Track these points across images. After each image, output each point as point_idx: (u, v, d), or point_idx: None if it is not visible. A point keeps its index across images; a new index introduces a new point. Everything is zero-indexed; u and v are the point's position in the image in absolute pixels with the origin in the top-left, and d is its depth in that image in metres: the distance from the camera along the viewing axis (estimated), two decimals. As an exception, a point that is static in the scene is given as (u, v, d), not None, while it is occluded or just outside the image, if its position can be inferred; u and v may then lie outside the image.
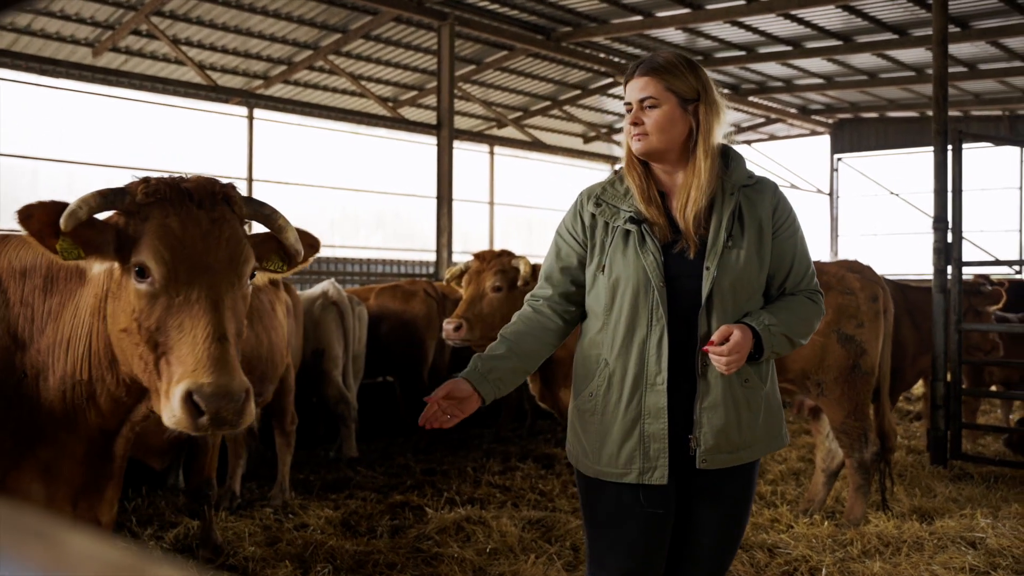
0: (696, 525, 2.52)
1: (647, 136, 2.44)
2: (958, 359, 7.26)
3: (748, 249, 2.44)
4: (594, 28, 12.50)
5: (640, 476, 2.40)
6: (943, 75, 7.48)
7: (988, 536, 4.72)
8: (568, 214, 2.58)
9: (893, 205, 19.09)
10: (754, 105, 17.38)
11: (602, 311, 2.46)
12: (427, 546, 4.58)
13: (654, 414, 2.39)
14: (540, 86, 16.02)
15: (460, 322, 5.20)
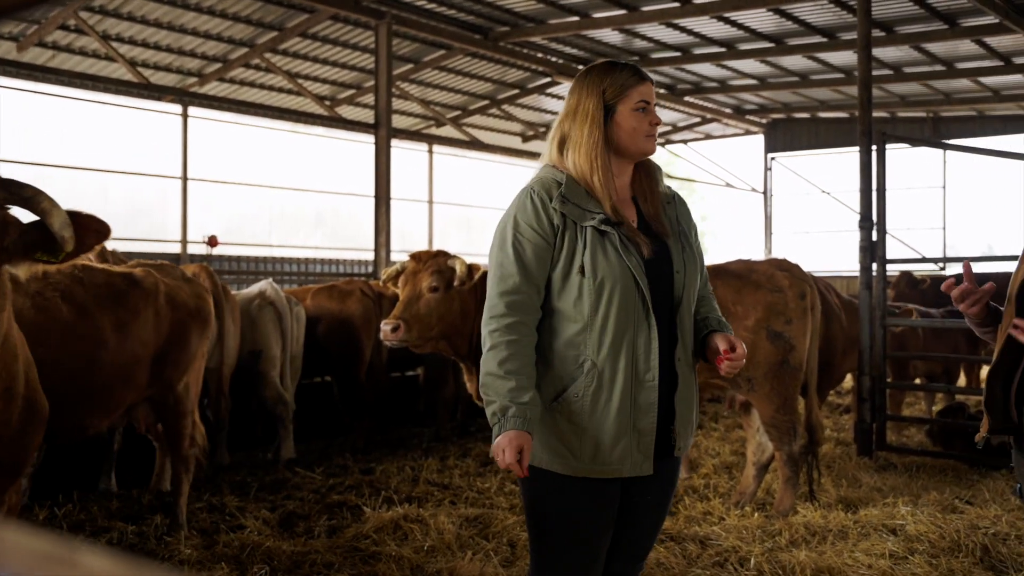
0: (642, 510, 2.63)
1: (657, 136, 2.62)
2: (883, 354, 7.52)
3: (694, 252, 2.63)
4: (531, 28, 12.58)
5: (632, 469, 2.49)
6: (867, 78, 7.72)
7: (908, 523, 4.91)
8: (527, 211, 2.49)
9: (825, 203, 19.57)
10: (690, 105, 17.66)
11: (584, 313, 2.46)
12: (365, 545, 4.60)
13: (645, 410, 2.48)
14: (479, 85, 16.07)
15: (397, 323, 5.22)
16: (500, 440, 2.39)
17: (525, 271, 2.46)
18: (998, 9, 10.25)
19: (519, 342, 2.44)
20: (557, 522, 2.53)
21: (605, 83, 2.55)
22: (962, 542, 4.54)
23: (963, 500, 5.72)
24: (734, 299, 5.29)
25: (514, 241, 2.48)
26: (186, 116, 14.60)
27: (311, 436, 7.95)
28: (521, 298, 2.46)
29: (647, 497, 2.61)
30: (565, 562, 2.54)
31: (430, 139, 16.86)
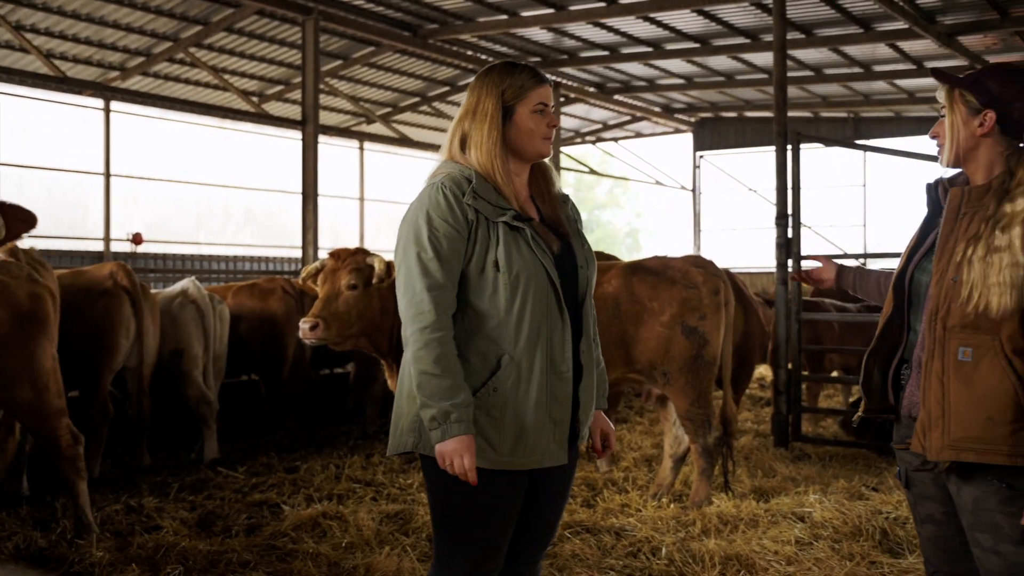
0: (548, 498, 2.70)
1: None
2: (798, 347, 7.75)
3: (590, 251, 2.73)
4: (460, 26, 12.61)
5: (552, 459, 2.55)
6: (783, 79, 7.94)
7: (815, 511, 5.09)
8: (440, 207, 2.49)
9: (751, 201, 20.00)
10: (620, 104, 17.88)
11: (499, 307, 2.49)
12: (282, 543, 4.60)
13: (561, 401, 2.55)
14: (409, 82, 16.03)
15: (316, 321, 5.22)
16: (450, 446, 2.41)
17: (444, 265, 2.46)
18: (907, 15, 10.62)
19: (447, 338, 2.45)
20: (466, 515, 2.55)
21: (505, 84, 2.59)
22: (863, 527, 4.73)
23: (869, 487, 5.94)
24: (650, 295, 5.41)
25: (430, 236, 2.47)
26: (108, 111, 14.28)
27: (237, 435, 7.88)
28: (444, 293, 2.46)
29: (553, 485, 2.69)
30: (471, 554, 2.58)
31: (361, 136, 16.77)
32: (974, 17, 11.49)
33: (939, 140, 2.63)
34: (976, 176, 2.58)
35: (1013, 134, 2.53)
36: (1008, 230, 2.42)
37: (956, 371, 2.46)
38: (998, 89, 2.51)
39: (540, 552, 2.79)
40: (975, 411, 2.43)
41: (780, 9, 8.08)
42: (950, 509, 2.63)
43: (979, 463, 2.45)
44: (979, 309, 2.42)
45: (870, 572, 4.24)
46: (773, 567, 4.31)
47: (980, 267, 2.43)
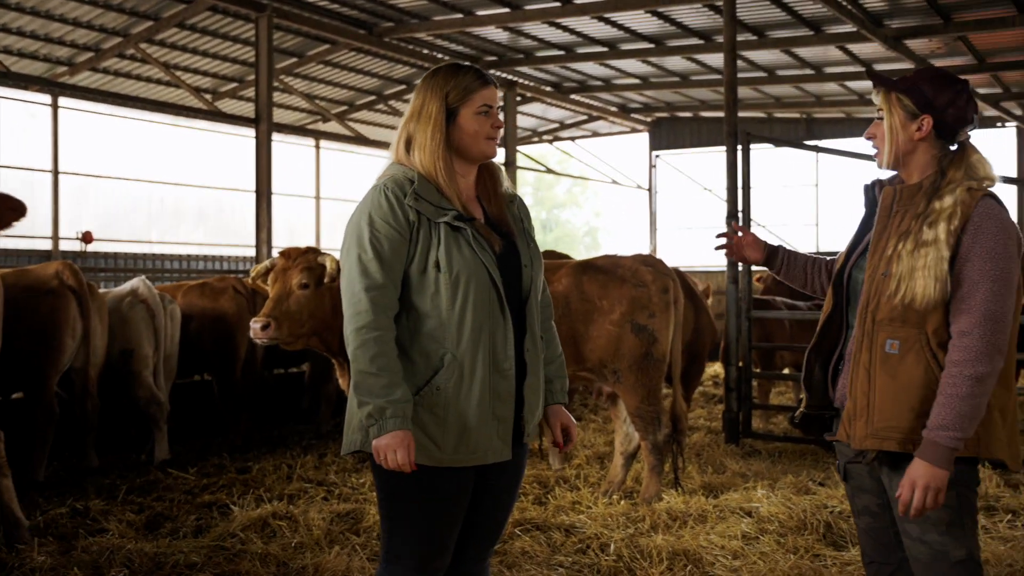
0: (496, 496, 2.72)
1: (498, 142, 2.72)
2: (748, 345, 7.86)
3: (537, 250, 2.76)
4: (416, 25, 12.58)
5: (495, 455, 2.59)
6: (733, 80, 8.05)
7: (762, 505, 5.18)
8: (382, 208, 2.53)
9: (707, 200, 20.19)
10: (576, 103, 17.96)
11: (441, 307, 2.52)
12: (231, 544, 4.57)
13: (504, 399, 2.58)
14: (365, 81, 15.95)
15: (268, 321, 5.19)
16: (384, 441, 2.43)
17: (385, 266, 2.50)
18: (855, 19, 10.81)
19: (384, 337, 2.49)
20: (413, 512, 2.58)
21: (449, 86, 2.62)
22: (808, 521, 4.83)
23: (816, 482, 6.06)
24: (600, 294, 5.46)
25: (371, 238, 2.51)
26: (56, 107, 14.02)
27: (189, 436, 7.80)
28: (383, 293, 2.50)
29: (501, 483, 2.71)
30: (417, 550, 2.60)
31: (317, 134, 16.65)
32: (919, 21, 11.73)
33: (875, 142, 2.70)
34: (911, 177, 2.66)
35: (946, 137, 2.62)
36: (935, 226, 2.50)
37: (883, 363, 2.54)
38: (933, 95, 2.59)
39: (488, 550, 2.81)
40: (898, 402, 2.51)
41: (730, 11, 8.18)
42: (884, 501, 2.71)
43: (906, 454, 2.53)
44: (906, 300, 2.50)
45: (814, 565, 4.32)
46: (719, 561, 4.38)
47: (908, 260, 2.51)
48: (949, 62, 13.80)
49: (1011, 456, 2.57)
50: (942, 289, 2.47)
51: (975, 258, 2.46)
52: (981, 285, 2.44)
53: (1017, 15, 11.07)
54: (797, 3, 11.34)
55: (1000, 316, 2.44)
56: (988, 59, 13.72)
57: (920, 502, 2.42)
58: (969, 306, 2.45)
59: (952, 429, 2.41)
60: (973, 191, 2.53)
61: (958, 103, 2.59)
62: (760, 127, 19.27)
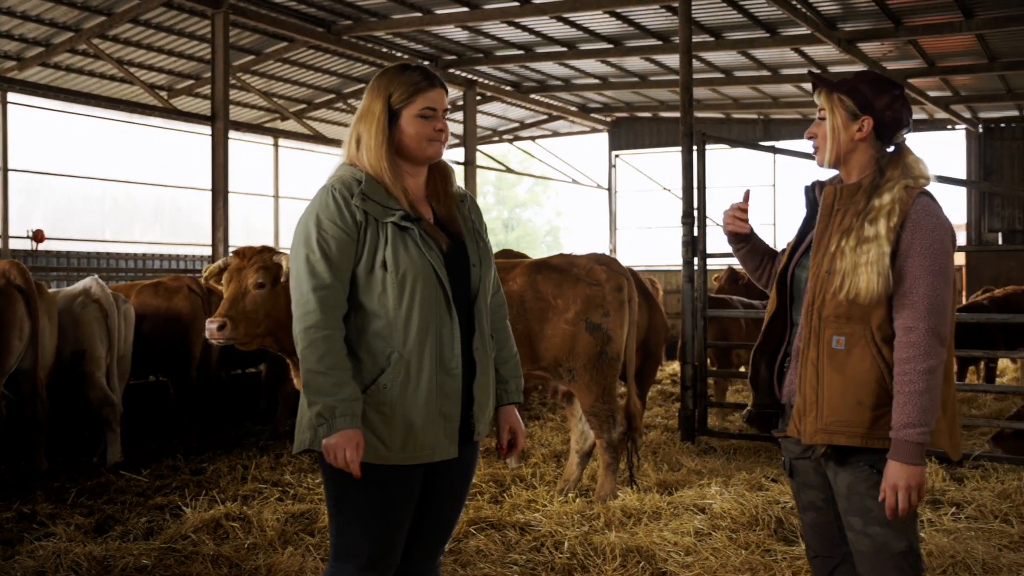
0: (445, 494, 2.74)
1: (445, 144, 2.71)
2: (704, 343, 7.94)
3: (487, 249, 2.77)
4: (375, 23, 12.53)
5: (442, 453, 2.61)
6: (689, 81, 8.12)
7: (715, 502, 5.24)
8: (329, 209, 2.55)
9: (666, 200, 20.35)
10: (536, 103, 18.00)
11: (388, 306, 2.55)
12: (182, 546, 4.52)
13: (451, 397, 2.60)
14: (324, 79, 15.85)
15: (224, 321, 5.14)
16: (335, 440, 2.45)
17: (332, 266, 2.52)
18: (809, 21, 10.96)
19: (333, 336, 2.51)
20: (360, 511, 2.59)
21: (392, 87, 2.64)
22: (760, 517, 4.89)
23: (769, 478, 6.13)
24: (555, 292, 5.49)
25: (319, 238, 2.53)
26: (5, 103, 13.73)
27: (143, 438, 7.69)
28: (330, 293, 2.52)
29: (450, 481, 2.73)
30: (365, 549, 2.60)
31: (275, 133, 16.51)
32: (871, 25, 11.93)
33: (816, 141, 2.78)
34: (850, 177, 2.74)
35: (884, 138, 2.71)
36: (876, 222, 2.57)
37: (830, 359, 2.60)
38: (873, 97, 2.68)
39: (438, 548, 2.83)
40: (846, 396, 2.57)
41: (686, 12, 8.26)
42: (829, 496, 2.77)
43: (852, 449, 2.60)
44: (850, 296, 2.56)
45: (764, 560, 4.38)
46: (672, 558, 4.42)
47: (851, 257, 2.57)
48: (901, 65, 14.05)
49: (952, 447, 2.65)
50: (885, 283, 2.53)
51: (915, 254, 2.54)
52: (922, 280, 2.52)
53: (964, 20, 11.31)
54: (753, 5, 11.48)
55: (941, 309, 2.52)
56: (938, 63, 14.00)
57: (905, 502, 2.49)
58: (912, 300, 2.52)
59: (918, 425, 2.48)
60: (910, 189, 2.61)
61: (895, 106, 2.69)
62: (718, 127, 19.47)
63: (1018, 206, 18.26)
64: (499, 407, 2.86)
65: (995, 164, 18.34)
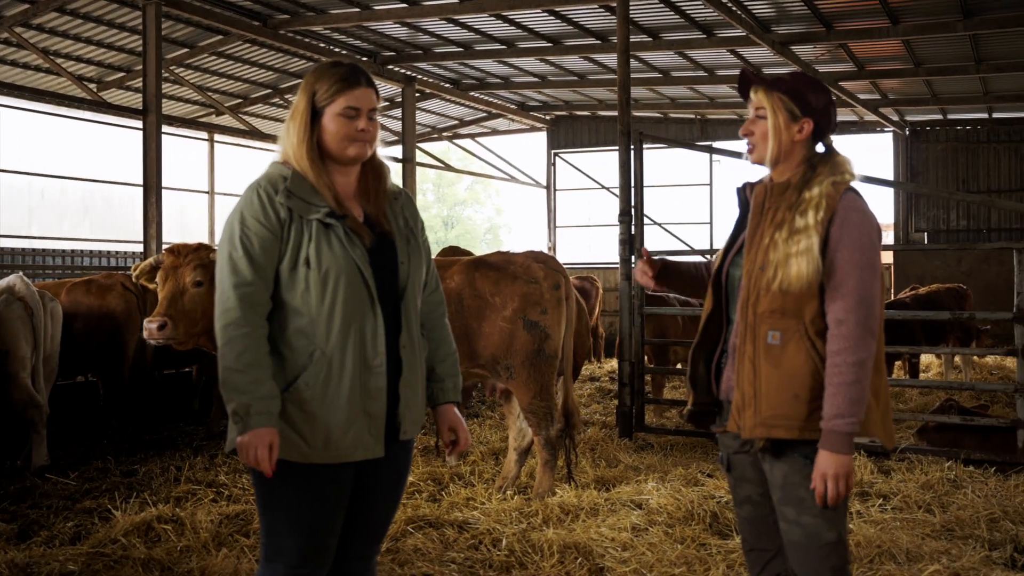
0: (376, 494, 2.73)
1: (370, 144, 2.66)
2: (641, 340, 8.03)
3: (417, 247, 2.76)
4: (312, 17, 12.36)
5: (364, 452, 2.58)
6: (627, 80, 8.20)
7: (652, 498, 5.31)
8: (253, 206, 2.56)
9: (605, 198, 20.50)
10: (476, 100, 17.97)
11: (311, 304, 2.54)
12: (112, 550, 4.41)
13: (374, 395, 2.58)
14: (261, 74, 15.59)
15: (164, 320, 5.05)
16: (248, 438, 2.47)
17: (254, 264, 2.54)
18: (745, 24, 11.15)
19: (252, 334, 2.51)
20: (288, 510, 2.58)
21: (318, 84, 2.63)
22: (695, 511, 4.97)
23: (705, 473, 6.23)
24: (492, 290, 5.50)
25: (242, 236, 2.55)
26: (-76, 94, 13.21)
27: (71, 440, 7.49)
28: (252, 290, 2.53)
29: (381, 481, 2.72)
30: (296, 548, 2.59)
31: (211, 128, 16.19)
32: (804, 29, 12.17)
33: (752, 139, 2.83)
34: (783, 175, 2.80)
35: (816, 139, 2.79)
36: (805, 214, 2.65)
37: (766, 354, 2.66)
38: (813, 99, 2.75)
39: (372, 548, 2.81)
40: (783, 390, 2.63)
41: (624, 13, 8.33)
42: (765, 490, 2.83)
43: (788, 441, 2.66)
44: (783, 286, 2.63)
45: (699, 554, 4.45)
46: (609, 553, 4.47)
47: (783, 248, 2.64)
48: (832, 68, 14.37)
49: (886, 435, 2.74)
50: (815, 271, 2.60)
51: (843, 248, 2.61)
52: (852, 273, 2.59)
53: (891, 26, 11.62)
54: (689, 7, 11.62)
55: (871, 301, 2.59)
56: (867, 67, 14.35)
57: (834, 491, 2.56)
58: (842, 293, 2.59)
59: (848, 416, 2.55)
60: (837, 184, 2.68)
61: (829, 109, 2.77)
62: (656, 127, 19.67)
63: (942, 207, 18.84)
64: (436, 406, 2.85)
65: (921, 166, 18.88)
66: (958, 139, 18.68)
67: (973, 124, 18.60)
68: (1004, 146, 18.38)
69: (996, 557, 4.47)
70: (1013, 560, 4.45)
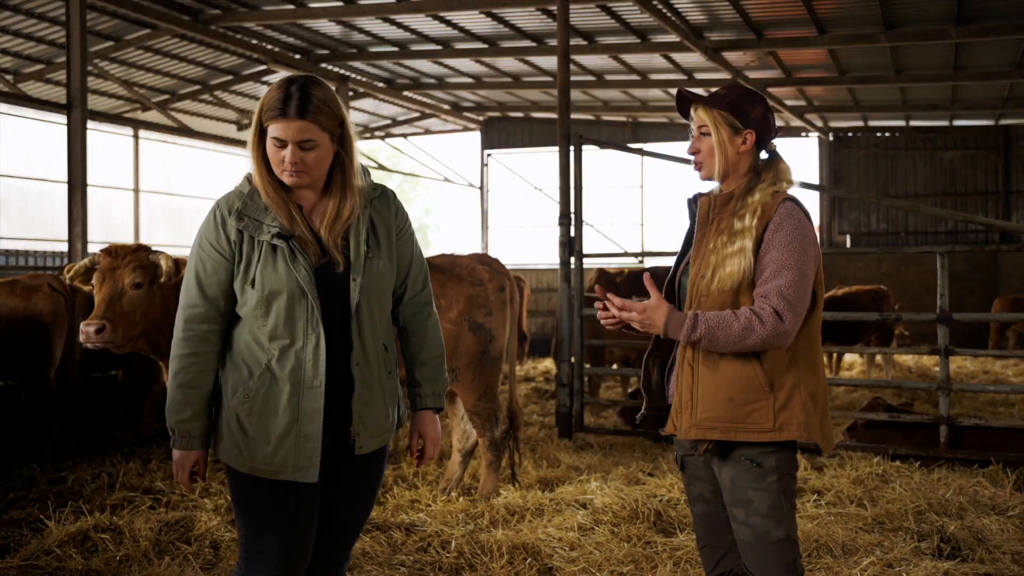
0: (348, 499, 2.73)
1: (306, 174, 2.56)
2: (580, 342, 8.10)
3: (384, 259, 2.68)
4: (245, 13, 12.14)
5: (294, 474, 2.56)
6: (566, 84, 8.26)
7: (596, 497, 5.36)
8: (209, 228, 2.59)
9: (538, 199, 20.61)
10: (409, 100, 17.88)
11: (256, 322, 2.57)
12: (45, 562, 4.26)
13: (310, 415, 2.56)
14: (189, 69, 15.25)
15: (102, 323, 4.91)
16: (175, 456, 2.64)
17: (202, 287, 2.59)
18: (678, 29, 11.35)
19: (188, 357, 2.59)
20: (251, 516, 2.62)
21: (264, 102, 2.56)
22: (640, 510, 5.03)
23: (646, 472, 6.33)
24: (438, 292, 5.49)
25: (197, 258, 2.62)
26: None
27: (-8, 447, 7.21)
28: (196, 312, 2.60)
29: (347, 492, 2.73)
30: (265, 554, 2.59)
31: (136, 124, 15.76)
32: (735, 36, 12.45)
33: (699, 157, 2.89)
34: (729, 187, 2.89)
35: (760, 148, 2.87)
36: (743, 217, 2.74)
37: (705, 358, 2.74)
38: (751, 110, 2.82)
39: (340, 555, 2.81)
40: (718, 393, 2.71)
41: (564, 16, 8.39)
42: (717, 488, 2.90)
43: (734, 444, 2.73)
44: (721, 285, 2.70)
45: (646, 552, 4.52)
46: (558, 553, 4.50)
47: (721, 250, 2.73)
48: (761, 74, 14.71)
49: (824, 438, 2.82)
50: (748, 269, 2.69)
51: (774, 250, 2.69)
52: (780, 274, 2.66)
53: (818, 36, 11.98)
54: (626, 12, 11.77)
55: (792, 300, 2.65)
56: (795, 74, 14.74)
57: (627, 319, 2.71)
58: (767, 291, 2.67)
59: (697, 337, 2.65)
60: (776, 194, 2.78)
61: (768, 117, 2.86)
62: (589, 129, 19.85)
63: (863, 211, 19.45)
64: (414, 412, 2.85)
65: (844, 171, 19.46)
66: (878, 145, 19.32)
67: (892, 131, 19.26)
68: (920, 153, 19.07)
69: (924, 548, 4.65)
70: (939, 550, 4.63)
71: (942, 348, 6.88)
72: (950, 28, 11.37)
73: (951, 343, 6.92)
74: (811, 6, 10.87)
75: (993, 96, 16.01)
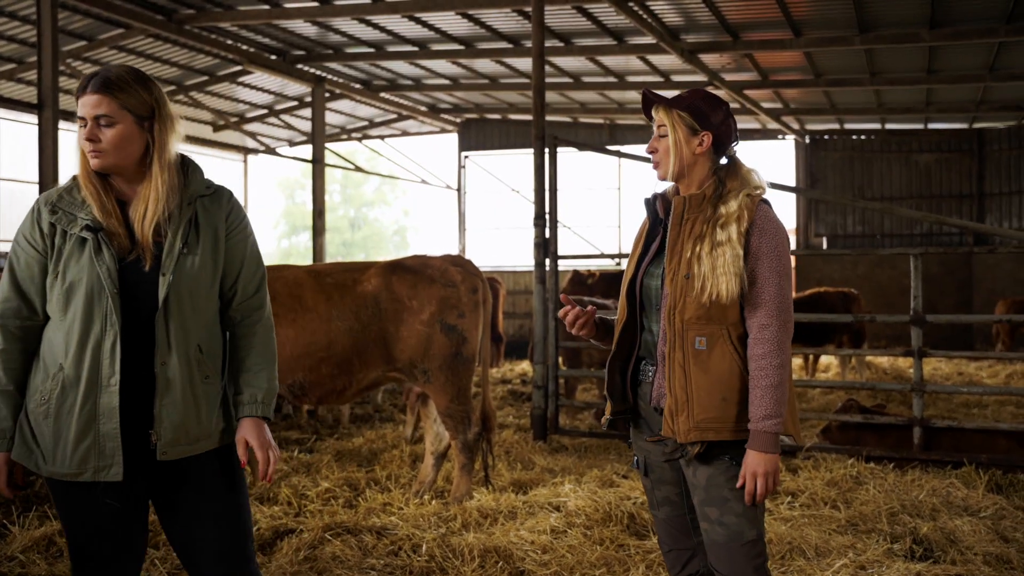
0: (192, 518, 2.62)
1: (104, 153, 2.53)
2: (556, 344, 8.08)
3: (203, 256, 2.60)
4: (219, 13, 12.04)
5: (95, 474, 2.50)
6: (541, 85, 8.24)
7: (569, 500, 5.33)
8: (25, 223, 2.58)
9: (515, 201, 20.59)
10: (386, 102, 17.81)
11: (57, 317, 2.54)
12: (8, 568, 4.19)
13: (107, 414, 2.49)
14: (164, 69, 15.11)
15: None
16: None
17: (14, 282, 2.56)
18: (654, 31, 11.36)
19: (10, 351, 2.54)
20: (66, 523, 2.61)
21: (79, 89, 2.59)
22: (613, 513, 5.01)
23: (620, 475, 6.31)
24: (410, 294, 5.45)
25: (13, 252, 2.59)
26: None
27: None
28: (10, 306, 2.56)
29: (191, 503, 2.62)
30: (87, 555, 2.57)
31: (108, 123, 15.59)
32: (712, 38, 12.48)
33: (656, 156, 2.92)
34: (689, 188, 2.90)
35: (718, 152, 2.88)
36: (727, 228, 2.74)
37: (695, 359, 2.73)
38: (710, 113, 2.84)
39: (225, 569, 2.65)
40: (713, 394, 2.72)
41: (539, 17, 8.37)
42: (683, 490, 2.90)
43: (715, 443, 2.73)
44: (712, 298, 2.71)
45: (619, 555, 4.50)
46: (530, 556, 4.47)
47: (708, 261, 2.72)
48: (737, 77, 14.77)
49: (796, 431, 2.86)
50: (740, 283, 2.71)
51: (763, 256, 2.73)
52: (771, 280, 2.72)
53: (794, 38, 12.03)
54: (602, 14, 11.77)
55: (788, 307, 2.74)
56: (771, 76, 14.80)
57: (763, 488, 2.67)
58: (764, 300, 2.71)
59: (774, 416, 2.67)
60: (753, 198, 2.80)
61: (728, 122, 2.87)
62: (566, 131, 19.86)
63: (839, 213, 19.58)
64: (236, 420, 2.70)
65: (820, 173, 19.58)
66: (854, 148, 19.45)
67: (867, 134, 19.40)
68: (895, 155, 19.22)
69: (897, 549, 4.66)
70: (912, 552, 4.64)
71: (915, 350, 6.92)
72: (923, 31, 11.46)
73: (925, 344, 6.95)
74: (787, 8, 10.92)
75: (967, 99, 16.16)
